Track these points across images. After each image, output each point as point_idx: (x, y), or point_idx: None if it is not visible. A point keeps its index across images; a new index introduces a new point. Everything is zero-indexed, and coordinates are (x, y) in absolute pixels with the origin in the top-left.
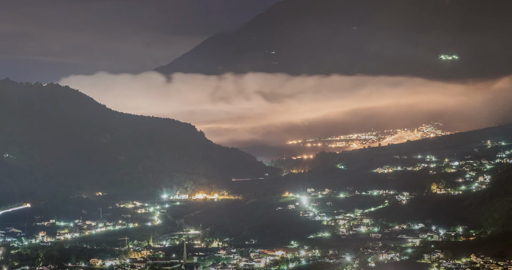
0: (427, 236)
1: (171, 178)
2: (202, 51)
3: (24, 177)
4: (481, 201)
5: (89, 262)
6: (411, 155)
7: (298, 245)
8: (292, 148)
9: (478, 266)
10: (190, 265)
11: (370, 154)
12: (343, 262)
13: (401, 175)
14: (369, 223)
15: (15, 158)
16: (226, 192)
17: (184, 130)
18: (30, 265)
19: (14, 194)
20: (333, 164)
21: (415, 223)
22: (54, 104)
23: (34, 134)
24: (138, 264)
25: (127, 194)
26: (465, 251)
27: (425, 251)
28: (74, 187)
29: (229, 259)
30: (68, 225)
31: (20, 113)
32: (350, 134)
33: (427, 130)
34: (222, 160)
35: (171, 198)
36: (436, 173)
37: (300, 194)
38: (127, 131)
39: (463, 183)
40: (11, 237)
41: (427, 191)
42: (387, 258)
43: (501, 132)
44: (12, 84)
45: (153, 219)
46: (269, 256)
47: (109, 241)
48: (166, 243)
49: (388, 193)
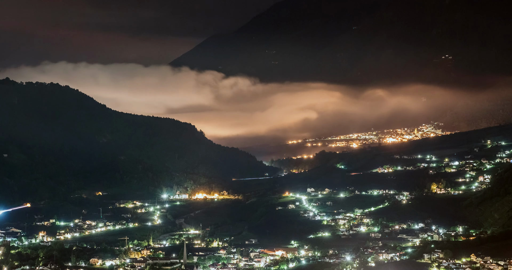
0: (427, 236)
1: (171, 178)
2: (202, 51)
3: (24, 177)
4: (481, 201)
5: (89, 262)
6: (411, 155)
7: (298, 245)
8: (292, 148)
9: (478, 266)
10: (190, 265)
11: (370, 154)
12: (343, 262)
13: (401, 175)
14: (369, 223)
15: (15, 158)
16: (226, 192)
17: (184, 130)
18: (30, 265)
19: (14, 194)
20: (333, 164)
21: (415, 223)
22: (54, 104)
23: (34, 134)
24: (138, 264)
25: (127, 194)
26: (465, 251)
27: (425, 251)
28: (74, 187)
29: (229, 259)
30: (68, 225)
31: (20, 113)
32: (350, 134)
33: (427, 130)
34: (222, 160)
35: (171, 198)
36: (436, 173)
37: (300, 194)
38: (127, 131)
39: (463, 183)
40: (11, 237)
41: (427, 191)
42: (387, 258)
43: (501, 132)
44: (12, 84)
45: (153, 219)
46: (269, 256)
47: (109, 241)
48: (166, 243)
49: (388, 193)
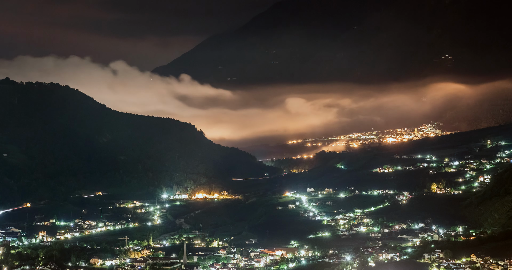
0: (427, 235)
1: (171, 178)
2: (202, 51)
3: (24, 177)
4: (481, 201)
5: (89, 262)
6: (411, 155)
7: (298, 245)
8: (292, 148)
9: (478, 265)
10: (190, 264)
11: (370, 154)
12: (343, 262)
13: (401, 175)
14: (369, 223)
15: (15, 158)
16: (226, 192)
17: (184, 130)
18: (30, 265)
19: (14, 194)
20: (333, 164)
21: (415, 222)
22: (54, 104)
23: (34, 134)
24: (138, 263)
25: (127, 194)
26: (465, 250)
27: (425, 250)
28: (74, 187)
29: (229, 259)
30: (68, 225)
31: (20, 113)
32: (350, 134)
33: (427, 130)
34: (222, 160)
35: (171, 198)
36: (436, 173)
37: (300, 194)
38: (127, 131)
39: (463, 183)
40: (11, 236)
41: (427, 191)
42: (387, 258)
43: (501, 132)
44: (12, 84)
45: (153, 218)
46: (269, 256)
47: (109, 241)
48: (166, 242)
49: (388, 193)
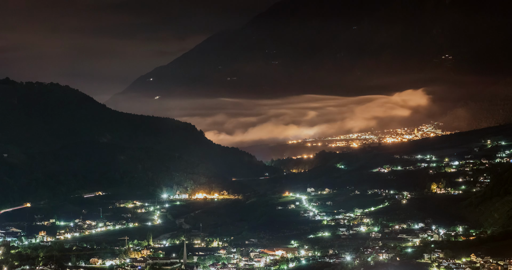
0: (427, 235)
1: (171, 177)
2: (202, 51)
3: (24, 177)
4: (481, 201)
5: (89, 262)
6: (411, 155)
7: (298, 244)
8: (292, 148)
9: (478, 265)
10: (190, 265)
11: (370, 154)
12: (343, 262)
13: (401, 175)
14: (369, 223)
15: (15, 158)
16: (226, 192)
17: (184, 130)
18: (30, 264)
19: (14, 194)
20: (333, 164)
21: (415, 222)
22: (54, 104)
23: (34, 134)
24: (138, 263)
25: (127, 194)
26: (465, 250)
27: (425, 250)
28: (74, 187)
29: (229, 259)
30: (68, 224)
31: (20, 112)
32: (350, 134)
33: (427, 130)
34: (222, 160)
35: (171, 198)
36: (436, 173)
37: (300, 194)
38: (127, 131)
39: (463, 183)
40: (11, 236)
41: (427, 191)
42: (387, 258)
43: (501, 132)
44: (12, 84)
45: (153, 218)
46: (269, 256)
47: (109, 241)
48: (166, 242)
49: (388, 193)
